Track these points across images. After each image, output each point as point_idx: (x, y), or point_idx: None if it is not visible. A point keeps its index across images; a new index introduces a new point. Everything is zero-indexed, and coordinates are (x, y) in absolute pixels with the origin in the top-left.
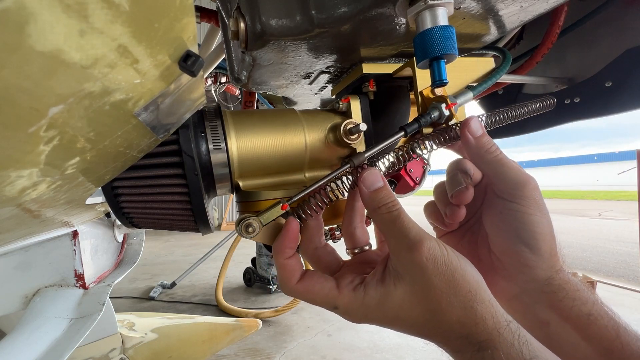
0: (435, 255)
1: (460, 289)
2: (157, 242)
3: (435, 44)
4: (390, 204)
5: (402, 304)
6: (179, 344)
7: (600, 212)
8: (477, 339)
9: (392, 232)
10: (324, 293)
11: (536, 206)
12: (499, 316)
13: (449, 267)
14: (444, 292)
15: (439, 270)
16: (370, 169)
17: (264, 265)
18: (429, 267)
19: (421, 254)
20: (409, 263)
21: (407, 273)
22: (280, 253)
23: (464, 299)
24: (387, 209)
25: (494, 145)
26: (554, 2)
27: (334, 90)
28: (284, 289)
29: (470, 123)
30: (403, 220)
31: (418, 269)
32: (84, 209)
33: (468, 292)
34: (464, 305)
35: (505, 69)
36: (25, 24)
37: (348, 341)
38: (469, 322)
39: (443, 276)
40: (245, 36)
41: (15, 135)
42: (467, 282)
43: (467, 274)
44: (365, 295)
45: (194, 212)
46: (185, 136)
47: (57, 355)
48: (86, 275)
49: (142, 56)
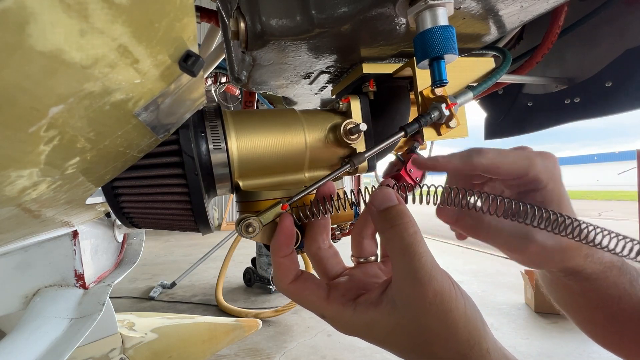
0: (443, 299)
1: (459, 336)
2: (157, 242)
3: (436, 44)
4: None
5: (392, 333)
6: (179, 344)
7: (600, 212)
8: None
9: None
10: (312, 300)
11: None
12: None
13: (453, 314)
14: (441, 337)
15: (441, 317)
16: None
17: (264, 265)
18: (431, 310)
19: (426, 295)
20: (412, 300)
21: (406, 308)
22: (276, 251)
23: (459, 347)
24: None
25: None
26: (554, 2)
27: (334, 90)
28: (278, 286)
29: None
30: (416, 251)
31: (420, 310)
32: (84, 209)
33: (466, 341)
34: (457, 354)
35: (505, 69)
36: (26, 24)
37: (348, 341)
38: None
39: (444, 321)
40: (245, 36)
41: (16, 135)
42: (467, 331)
43: (470, 321)
44: (354, 313)
45: (194, 212)
46: (185, 136)
47: (57, 355)
48: (86, 275)
49: (142, 56)
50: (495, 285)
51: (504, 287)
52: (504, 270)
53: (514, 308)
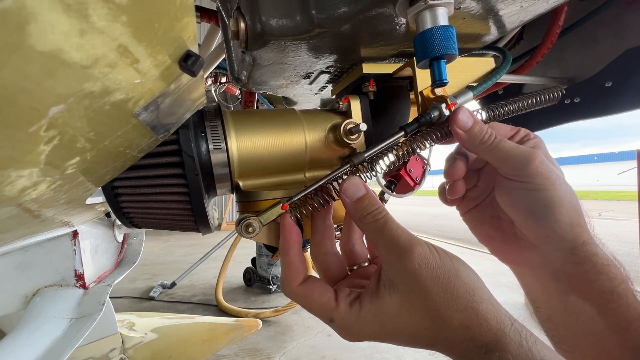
0: (428, 260)
1: (457, 290)
2: (157, 242)
3: (436, 44)
4: (375, 211)
5: (399, 314)
6: (179, 344)
7: (600, 212)
8: (483, 340)
9: (381, 240)
10: (322, 302)
11: (545, 180)
12: (501, 315)
13: (442, 270)
14: (441, 296)
15: (433, 274)
16: (350, 178)
17: (264, 265)
18: (422, 272)
19: (413, 260)
20: (402, 270)
21: (401, 281)
22: (286, 251)
23: (462, 300)
24: (372, 217)
25: (487, 134)
26: (554, 2)
27: (334, 90)
28: (284, 289)
29: (458, 117)
30: (391, 228)
31: (412, 275)
32: (84, 208)
33: (466, 292)
34: (464, 307)
35: (506, 69)
36: (26, 24)
37: (348, 341)
38: (472, 324)
39: (438, 280)
40: (245, 36)
41: (16, 135)
42: (463, 283)
43: (462, 275)
44: (361, 309)
45: (194, 212)
46: (185, 136)
47: (57, 355)
48: (86, 275)
49: (142, 56)
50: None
51: (504, 287)
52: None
53: (514, 308)
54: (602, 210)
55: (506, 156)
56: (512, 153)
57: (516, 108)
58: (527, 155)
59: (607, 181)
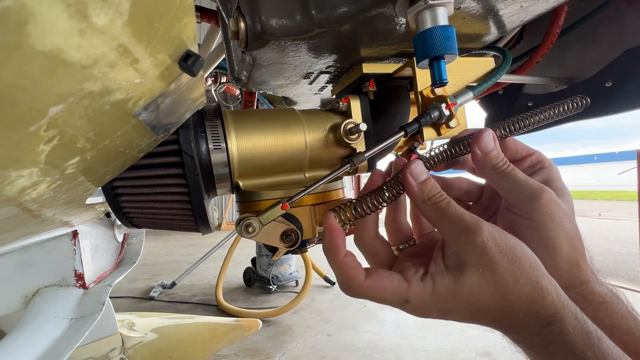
0: (494, 235)
1: (522, 264)
2: (157, 242)
3: (436, 43)
4: (439, 194)
5: (472, 289)
6: (179, 344)
7: (600, 212)
8: (545, 313)
9: (446, 220)
10: (394, 287)
11: (548, 220)
12: (559, 289)
13: (508, 245)
14: (509, 270)
15: (500, 249)
16: (414, 161)
17: (264, 265)
18: (491, 247)
19: (481, 236)
20: (471, 246)
21: (471, 257)
22: (334, 252)
23: (528, 274)
24: (437, 199)
25: (502, 160)
26: (554, 2)
27: (334, 90)
28: (350, 289)
29: (482, 137)
30: (455, 207)
31: (481, 250)
32: (84, 208)
33: (530, 267)
34: (530, 281)
35: (506, 69)
36: (25, 24)
37: (348, 341)
38: (537, 297)
39: (505, 254)
40: (245, 36)
41: (16, 134)
42: (527, 258)
43: (525, 251)
44: (434, 284)
45: (194, 212)
46: (185, 136)
47: (57, 355)
48: (86, 275)
49: (142, 56)
50: None
51: None
52: None
53: None
54: (602, 210)
55: (514, 188)
56: (520, 186)
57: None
58: (535, 191)
59: (607, 181)
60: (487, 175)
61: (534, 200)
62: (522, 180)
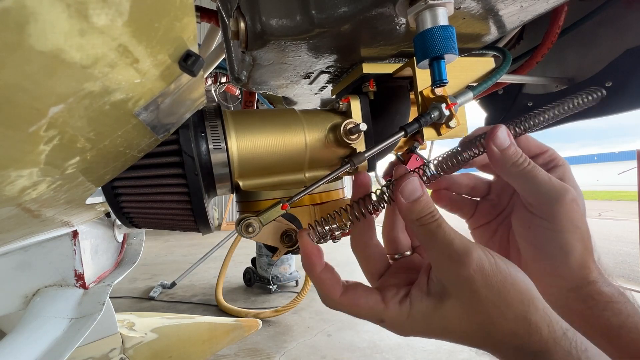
0: (483, 267)
1: (512, 299)
2: (157, 242)
3: (436, 43)
4: (429, 215)
5: (450, 318)
6: (179, 344)
7: (600, 212)
8: (532, 349)
9: (434, 244)
10: (369, 306)
11: (570, 222)
12: (554, 324)
13: (498, 278)
14: (494, 305)
15: (488, 282)
16: (409, 178)
17: (264, 265)
18: (477, 280)
19: (468, 267)
20: (455, 277)
21: (454, 287)
22: (310, 269)
23: (516, 310)
24: (426, 220)
25: (522, 157)
26: (554, 2)
27: (334, 90)
28: (328, 304)
29: (497, 134)
30: (444, 231)
31: (465, 283)
32: (84, 208)
33: (520, 302)
34: (516, 317)
35: (506, 69)
36: (26, 24)
37: (348, 341)
38: (522, 333)
39: (493, 288)
40: (245, 36)
41: (16, 134)
42: (518, 292)
43: (518, 282)
44: (411, 309)
45: (194, 212)
46: (185, 136)
47: (57, 355)
48: (86, 275)
49: (142, 56)
50: None
51: None
52: None
53: None
54: (602, 210)
55: (537, 188)
56: (544, 186)
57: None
58: (559, 192)
59: (607, 181)
60: (506, 174)
61: (557, 202)
62: (545, 180)
